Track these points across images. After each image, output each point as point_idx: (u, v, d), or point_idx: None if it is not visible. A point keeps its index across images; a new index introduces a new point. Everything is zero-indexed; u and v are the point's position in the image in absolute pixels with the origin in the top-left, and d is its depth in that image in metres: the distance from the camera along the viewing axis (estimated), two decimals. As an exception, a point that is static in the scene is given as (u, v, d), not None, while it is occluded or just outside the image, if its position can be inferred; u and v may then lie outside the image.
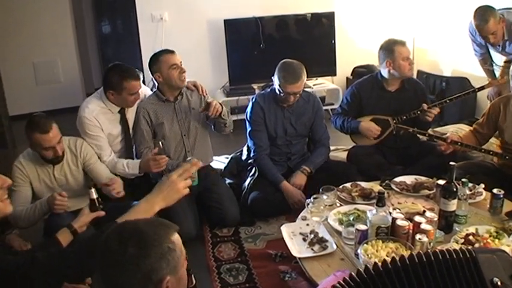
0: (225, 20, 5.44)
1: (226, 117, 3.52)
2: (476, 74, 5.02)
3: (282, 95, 3.52)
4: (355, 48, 6.09)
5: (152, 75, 3.47)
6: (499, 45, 4.13)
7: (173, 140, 3.52)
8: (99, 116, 3.35)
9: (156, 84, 3.52)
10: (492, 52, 4.38)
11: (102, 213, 2.49)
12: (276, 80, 3.53)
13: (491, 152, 3.44)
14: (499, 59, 4.41)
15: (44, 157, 2.99)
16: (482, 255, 1.44)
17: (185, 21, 5.54)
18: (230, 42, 5.53)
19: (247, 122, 3.72)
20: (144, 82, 4.11)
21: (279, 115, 3.66)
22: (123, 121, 3.47)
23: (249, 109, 3.71)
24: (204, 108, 3.42)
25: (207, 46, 5.74)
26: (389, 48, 3.73)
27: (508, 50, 4.07)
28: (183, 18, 5.52)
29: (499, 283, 1.36)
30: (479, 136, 3.60)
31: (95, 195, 2.51)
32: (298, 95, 3.55)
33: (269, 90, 3.71)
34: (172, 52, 3.44)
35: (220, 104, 3.45)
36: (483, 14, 3.85)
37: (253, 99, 3.71)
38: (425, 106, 3.70)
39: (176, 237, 1.42)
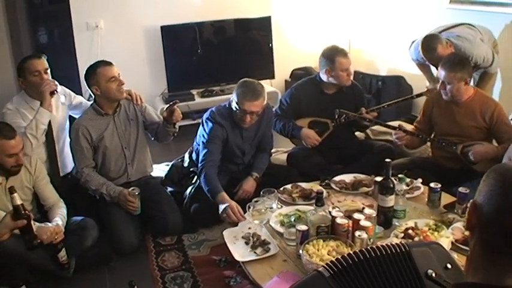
0: (161, 27, 5.37)
1: (180, 119, 3.46)
2: (411, 72, 5.15)
3: (237, 112, 3.38)
4: (292, 51, 6.12)
5: (89, 88, 3.34)
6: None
7: (114, 153, 3.42)
8: (22, 111, 3.31)
9: (93, 97, 3.41)
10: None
11: (24, 222, 2.43)
12: (234, 96, 3.39)
13: (436, 140, 3.62)
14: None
15: (4, 165, 2.87)
16: (416, 249, 1.45)
17: (121, 28, 5.44)
18: (167, 48, 5.46)
19: (203, 133, 3.53)
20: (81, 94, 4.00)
21: (238, 138, 3.55)
22: None
23: (208, 122, 3.51)
24: (167, 114, 3.33)
25: (144, 53, 5.65)
26: (331, 58, 3.79)
27: None
28: (119, 26, 5.42)
29: (433, 275, 1.37)
30: (421, 132, 3.73)
31: (18, 202, 2.43)
32: (255, 116, 3.42)
33: (226, 105, 3.54)
34: (109, 64, 3.32)
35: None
36: (429, 43, 3.85)
37: (213, 117, 3.50)
38: (363, 111, 3.78)
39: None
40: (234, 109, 3.41)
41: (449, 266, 1.42)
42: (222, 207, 3.09)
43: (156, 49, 5.50)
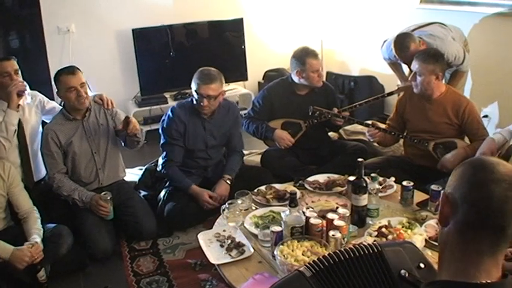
0: (133, 30, 5.33)
1: (140, 135, 3.44)
2: (383, 72, 5.21)
3: (197, 98, 3.44)
4: (265, 53, 6.15)
5: (57, 93, 3.31)
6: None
7: (83, 158, 3.38)
8: None
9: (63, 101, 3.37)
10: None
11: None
12: (192, 86, 3.45)
13: (408, 137, 3.66)
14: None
15: None
16: (388, 249, 1.45)
17: (93, 32, 5.39)
18: (139, 51, 5.43)
19: (162, 133, 3.62)
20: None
21: (199, 129, 3.59)
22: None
23: (166, 121, 3.59)
24: (123, 125, 3.30)
25: (116, 57, 5.61)
26: (301, 60, 3.80)
27: None
28: (91, 29, 5.37)
29: (406, 275, 1.38)
30: (394, 130, 3.76)
31: None
32: (213, 101, 3.45)
33: (189, 100, 3.61)
34: (72, 73, 3.21)
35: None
36: (402, 42, 3.87)
37: (173, 111, 3.59)
38: (335, 110, 3.80)
39: None
40: (194, 97, 3.47)
41: (422, 265, 1.42)
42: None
43: (128, 52, 5.47)
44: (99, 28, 5.41)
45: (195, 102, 3.49)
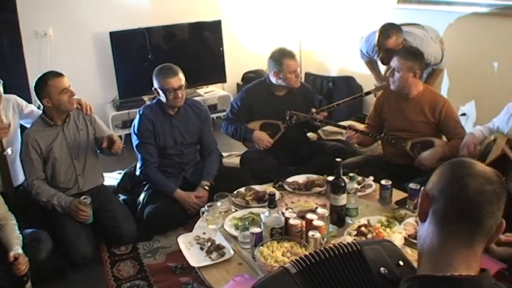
0: (110, 33, 5.30)
1: (120, 150, 3.43)
2: (361, 72, 5.24)
3: (168, 95, 3.47)
4: (244, 54, 6.14)
5: (39, 100, 3.25)
6: (386, 65, 4.17)
7: (63, 164, 3.35)
8: None
9: (42, 107, 3.33)
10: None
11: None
12: (156, 85, 3.51)
13: (385, 138, 3.71)
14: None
15: None
16: (367, 247, 1.46)
17: (70, 35, 5.34)
18: (117, 55, 5.39)
19: (134, 135, 3.64)
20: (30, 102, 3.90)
21: (167, 125, 3.62)
22: None
23: (136, 122, 3.63)
24: (107, 144, 3.30)
25: (94, 60, 5.56)
26: (278, 61, 3.81)
27: None
28: (68, 33, 5.32)
29: (386, 272, 1.39)
30: (373, 130, 3.81)
31: None
32: (183, 90, 3.51)
33: (155, 101, 3.66)
34: (60, 75, 3.24)
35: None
36: (388, 28, 3.91)
37: (141, 112, 3.64)
38: (313, 111, 3.82)
39: None
40: (162, 96, 3.51)
41: (401, 262, 1.44)
42: None
43: (105, 56, 5.44)
44: (77, 32, 5.36)
45: (165, 100, 3.52)
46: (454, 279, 1.16)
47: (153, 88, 3.56)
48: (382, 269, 1.38)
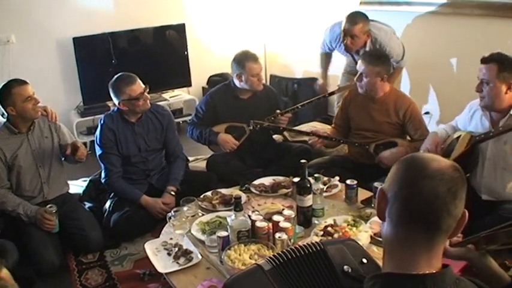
0: (74, 38, 5.23)
1: (85, 157, 3.40)
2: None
3: (135, 102, 3.45)
4: (209, 58, 6.13)
5: (4, 108, 3.19)
6: (350, 53, 4.28)
7: (28, 172, 3.30)
8: None
9: (6, 115, 3.27)
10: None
11: None
12: (117, 97, 3.47)
13: (348, 142, 3.76)
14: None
15: None
16: (331, 247, 1.49)
17: (33, 42, 5.25)
18: (81, 60, 5.33)
19: (97, 146, 3.60)
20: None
21: (129, 133, 3.59)
22: None
23: (98, 132, 3.59)
24: (71, 151, 3.26)
25: (57, 66, 5.48)
26: (241, 64, 3.82)
27: (356, 58, 4.22)
28: (31, 40, 5.23)
29: (349, 271, 1.41)
30: (341, 129, 3.86)
31: None
32: (147, 94, 3.49)
33: (116, 109, 3.61)
34: (24, 83, 3.20)
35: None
36: (356, 15, 3.98)
37: (102, 122, 3.60)
38: (278, 112, 3.85)
39: (4, 273, 1.35)
40: (127, 105, 3.47)
41: (364, 260, 1.47)
42: None
43: (69, 61, 5.37)
44: (40, 38, 5.28)
45: (128, 108, 3.49)
46: (417, 276, 1.17)
47: (117, 103, 3.50)
48: (345, 267, 1.41)
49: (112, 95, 3.50)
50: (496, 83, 2.78)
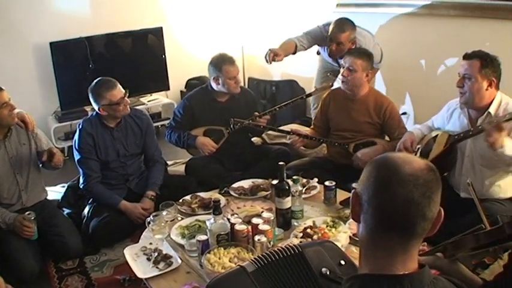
0: (50, 43, 5.19)
1: (62, 163, 3.37)
2: (303, 75, 5.32)
3: (115, 107, 3.43)
4: (186, 61, 6.12)
5: None
6: (333, 58, 4.29)
7: (6, 179, 3.25)
8: None
9: None
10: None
11: None
12: (96, 101, 3.45)
13: (328, 141, 3.77)
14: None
15: None
16: (309, 249, 1.50)
17: (9, 46, 5.19)
18: (58, 65, 5.28)
19: (75, 151, 3.58)
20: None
21: (108, 138, 3.57)
22: None
23: (76, 137, 3.56)
24: (47, 157, 3.23)
25: (34, 71, 5.43)
26: (218, 66, 3.83)
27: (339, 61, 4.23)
28: (7, 44, 5.18)
29: (327, 273, 1.42)
30: (320, 130, 3.88)
31: None
32: (126, 100, 3.48)
33: (94, 114, 3.59)
34: (0, 89, 3.15)
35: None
36: (345, 23, 4.00)
37: (80, 126, 3.57)
38: (256, 114, 3.87)
39: None
40: (107, 110, 3.45)
41: (342, 262, 1.48)
42: None
43: (46, 66, 5.32)
44: (16, 43, 5.23)
45: (108, 113, 3.48)
46: (394, 276, 1.18)
47: (96, 108, 3.48)
48: (323, 269, 1.42)
49: (92, 99, 3.48)
50: (478, 79, 2.83)
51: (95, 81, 3.50)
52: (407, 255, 1.20)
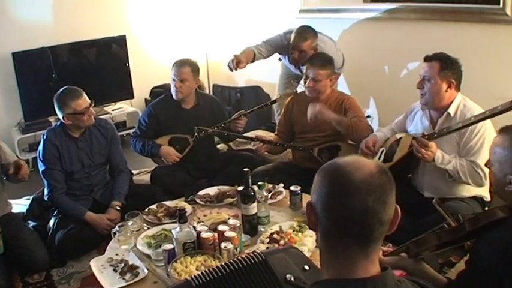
0: (13, 53, 5.11)
1: (27, 176, 3.32)
2: (268, 81, 5.35)
3: (76, 117, 3.40)
4: (151, 69, 6.09)
5: None
6: (295, 66, 4.35)
7: None
8: None
9: None
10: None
11: None
12: (65, 110, 3.40)
13: (292, 146, 3.83)
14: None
15: None
16: (272, 256, 1.51)
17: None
18: (21, 75, 5.19)
19: (39, 161, 3.53)
20: None
21: (73, 148, 3.54)
22: None
23: (41, 148, 3.52)
24: (13, 170, 3.18)
25: (-4, 83, 5.37)
26: (172, 68, 3.89)
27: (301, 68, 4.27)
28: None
29: (292, 279, 1.43)
30: (284, 136, 3.93)
31: None
32: (90, 111, 3.44)
33: (58, 124, 3.57)
34: None
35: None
36: (307, 31, 4.05)
37: (44, 137, 3.53)
38: (234, 116, 3.91)
39: None
40: (71, 119, 3.43)
41: (306, 267, 1.49)
42: None
43: (8, 77, 5.22)
44: (-22, 54, 5.15)
45: (72, 122, 3.45)
46: (357, 280, 1.18)
47: (61, 117, 3.45)
48: (288, 276, 1.43)
49: (56, 108, 3.44)
50: (438, 80, 2.92)
51: (61, 89, 3.47)
52: (368, 260, 1.20)
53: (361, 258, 1.19)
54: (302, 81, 3.76)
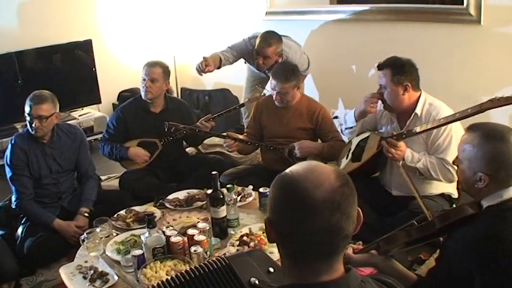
0: (-22, 59, 5.04)
1: None
2: (236, 84, 5.36)
3: (29, 120, 3.35)
4: (118, 73, 6.03)
5: None
6: (260, 71, 4.38)
7: None
8: None
9: None
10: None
11: None
12: (25, 109, 3.36)
13: (264, 145, 3.82)
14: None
15: None
16: (236, 260, 1.51)
17: None
18: (-14, 82, 5.14)
19: (7, 167, 3.48)
20: None
21: (40, 153, 3.49)
22: None
23: (8, 153, 3.47)
24: None
25: (-40, 89, 5.26)
26: (143, 69, 3.88)
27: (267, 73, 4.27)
28: None
29: (256, 282, 1.43)
30: (254, 138, 3.91)
31: None
32: (44, 122, 3.33)
33: (26, 129, 3.51)
34: None
35: None
36: (271, 36, 4.07)
37: (13, 142, 3.48)
38: (203, 119, 3.88)
39: None
40: (28, 121, 3.37)
41: (271, 269, 1.50)
42: None
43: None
44: None
45: (29, 126, 3.39)
46: (320, 284, 1.18)
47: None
48: (252, 279, 1.42)
49: None
50: (392, 87, 2.99)
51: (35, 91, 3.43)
52: (332, 268, 1.19)
53: (325, 267, 1.19)
54: (268, 85, 3.77)
